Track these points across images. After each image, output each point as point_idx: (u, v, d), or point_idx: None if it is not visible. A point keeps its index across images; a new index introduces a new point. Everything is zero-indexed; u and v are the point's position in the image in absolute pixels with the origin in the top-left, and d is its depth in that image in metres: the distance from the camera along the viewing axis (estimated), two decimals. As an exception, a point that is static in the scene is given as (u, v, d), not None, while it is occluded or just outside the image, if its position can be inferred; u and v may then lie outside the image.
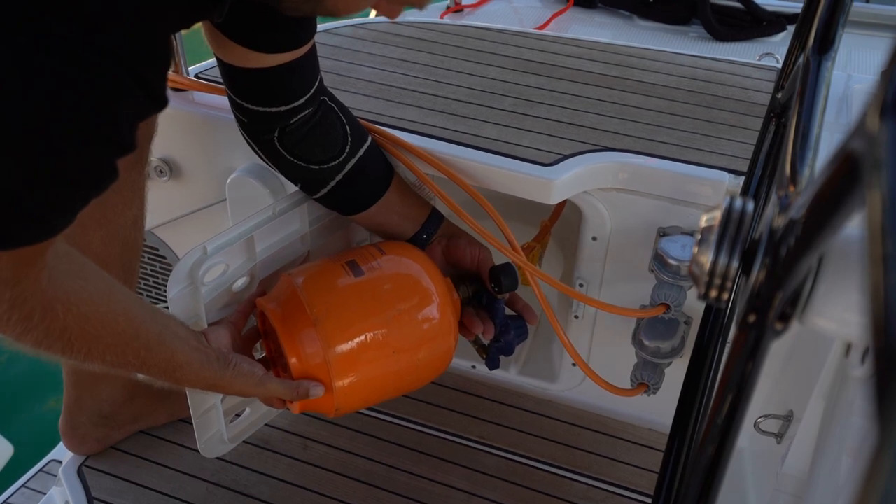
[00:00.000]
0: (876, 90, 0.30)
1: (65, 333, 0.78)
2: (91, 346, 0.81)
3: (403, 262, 1.11)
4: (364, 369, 1.05)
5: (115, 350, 0.83)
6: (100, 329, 0.81)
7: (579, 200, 1.23)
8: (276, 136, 1.06)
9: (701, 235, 0.53)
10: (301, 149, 1.08)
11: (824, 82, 0.75)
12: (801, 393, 1.10)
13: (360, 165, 1.12)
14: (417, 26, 1.59)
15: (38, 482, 1.40)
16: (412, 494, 1.27)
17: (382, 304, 1.06)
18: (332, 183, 1.11)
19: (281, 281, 1.08)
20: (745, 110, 1.35)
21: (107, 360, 0.84)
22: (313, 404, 1.04)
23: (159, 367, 0.88)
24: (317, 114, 1.08)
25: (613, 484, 1.31)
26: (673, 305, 1.18)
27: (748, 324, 0.47)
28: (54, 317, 0.77)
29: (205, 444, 1.18)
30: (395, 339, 1.06)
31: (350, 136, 1.11)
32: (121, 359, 0.84)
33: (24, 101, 0.63)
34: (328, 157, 1.09)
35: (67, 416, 1.28)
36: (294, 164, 1.09)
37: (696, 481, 0.54)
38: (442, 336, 1.09)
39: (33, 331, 0.76)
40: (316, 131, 1.08)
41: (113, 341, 0.83)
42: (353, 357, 1.04)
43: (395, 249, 1.13)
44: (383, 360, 1.06)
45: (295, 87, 1.04)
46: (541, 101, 1.35)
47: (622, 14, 2.52)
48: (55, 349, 0.79)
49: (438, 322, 1.08)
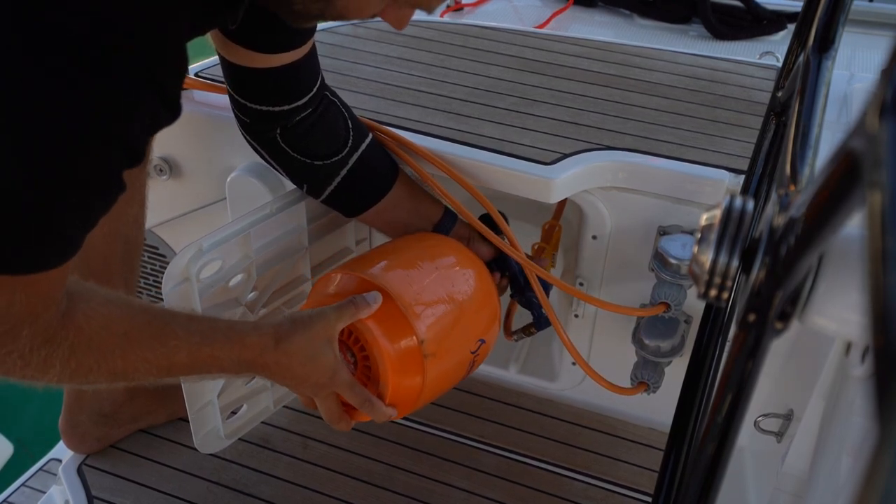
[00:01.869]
0: (876, 89, 0.30)
1: (90, 349, 0.77)
2: (118, 357, 0.80)
3: (468, 265, 1.12)
4: (441, 389, 1.08)
5: (149, 354, 0.82)
6: (127, 338, 0.80)
7: (580, 199, 1.23)
8: (279, 134, 1.06)
9: (701, 234, 0.53)
10: (304, 144, 1.08)
11: (825, 81, 0.75)
12: (801, 392, 1.10)
13: (364, 160, 1.12)
14: (418, 25, 1.59)
15: (38, 481, 1.40)
16: (412, 493, 1.27)
17: (472, 328, 1.08)
18: (338, 179, 1.11)
19: (388, 302, 1.00)
20: (746, 109, 1.35)
21: (139, 370, 0.82)
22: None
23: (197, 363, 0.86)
24: (318, 109, 1.08)
25: (613, 483, 1.30)
26: (673, 304, 1.18)
27: (748, 323, 0.47)
28: (77, 331, 0.76)
29: (201, 440, 1.18)
30: (469, 349, 1.09)
31: (352, 130, 1.11)
32: (155, 363, 0.83)
33: (35, 100, 0.62)
34: (331, 151, 1.09)
35: (68, 415, 1.28)
36: (298, 161, 1.09)
37: (696, 480, 0.54)
38: (496, 327, 1.15)
39: (58, 351, 0.75)
40: (318, 126, 1.08)
41: (143, 346, 0.81)
42: (441, 383, 1.07)
43: (447, 248, 1.14)
44: (458, 372, 1.10)
45: (298, 86, 1.04)
46: (541, 100, 1.35)
47: (622, 13, 2.52)
48: (85, 366, 0.77)
49: (496, 319, 1.14)
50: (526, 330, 1.27)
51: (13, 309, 0.69)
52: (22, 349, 0.72)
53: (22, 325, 0.71)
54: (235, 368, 0.89)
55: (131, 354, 0.80)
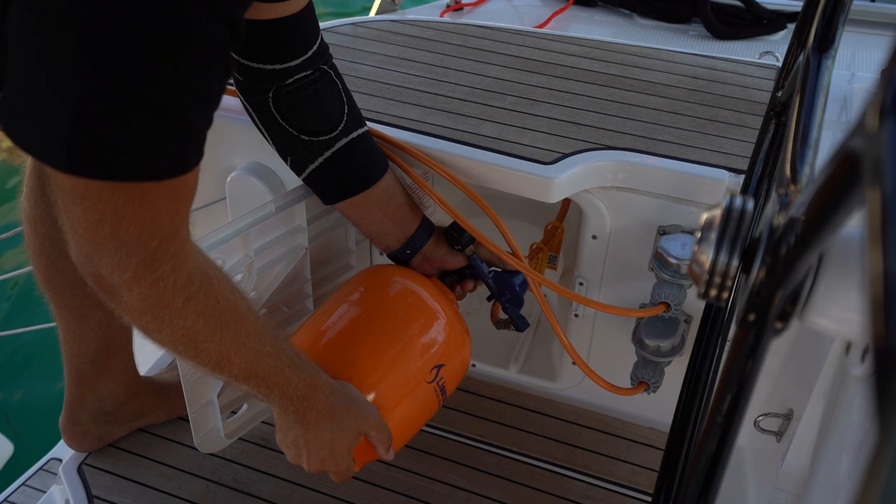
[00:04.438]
0: (876, 90, 0.30)
1: (217, 309, 0.79)
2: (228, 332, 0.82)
3: (391, 286, 1.15)
4: (414, 425, 1.14)
5: (246, 349, 0.85)
6: (230, 314, 0.82)
7: (579, 199, 1.23)
8: (272, 97, 1.06)
9: (701, 234, 0.53)
10: (295, 115, 1.07)
11: (824, 81, 0.75)
12: (801, 391, 1.10)
13: (351, 148, 1.11)
14: (417, 25, 1.59)
15: (38, 480, 1.40)
16: (412, 493, 1.27)
17: (414, 363, 1.10)
18: (320, 159, 1.10)
19: None
20: (746, 109, 1.35)
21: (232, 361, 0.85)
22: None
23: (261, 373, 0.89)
24: (317, 83, 1.07)
25: (613, 482, 1.31)
26: (673, 304, 1.18)
27: (748, 322, 0.47)
28: (209, 284, 0.78)
29: (201, 440, 1.18)
30: (424, 380, 1.11)
31: (347, 115, 1.10)
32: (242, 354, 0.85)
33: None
34: (320, 129, 1.09)
35: (69, 413, 1.28)
36: (285, 131, 1.08)
37: (696, 479, 0.54)
38: (459, 339, 1.16)
39: (194, 298, 0.77)
40: (313, 100, 1.07)
41: (238, 330, 0.84)
42: (411, 423, 1.13)
43: (374, 276, 1.17)
44: (428, 403, 1.13)
45: (292, 44, 1.03)
46: (541, 100, 1.35)
47: (622, 12, 2.52)
48: (207, 329, 0.80)
49: (451, 333, 1.14)
50: (505, 324, 1.28)
51: (157, 231, 0.71)
52: (167, 280, 0.74)
53: (165, 248, 0.72)
54: (290, 398, 0.93)
55: (239, 334, 0.83)
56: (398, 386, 1.08)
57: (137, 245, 0.70)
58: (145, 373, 1.40)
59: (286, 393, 0.91)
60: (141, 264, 0.71)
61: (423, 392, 1.11)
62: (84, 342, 1.21)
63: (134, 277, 0.72)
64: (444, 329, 1.13)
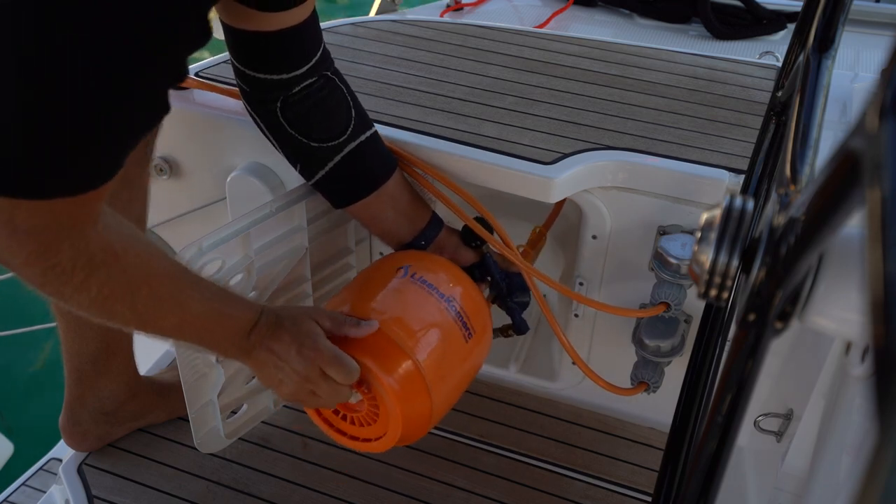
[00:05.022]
0: (876, 90, 0.30)
1: (124, 276, 0.79)
2: (142, 291, 0.82)
3: (456, 283, 1.13)
4: (450, 404, 1.11)
5: (168, 299, 0.85)
6: (144, 273, 0.82)
7: (579, 199, 1.23)
8: (279, 107, 1.06)
9: (701, 234, 0.53)
10: (303, 122, 1.07)
11: (825, 81, 0.75)
12: (801, 391, 1.10)
13: (360, 151, 1.11)
14: (417, 25, 1.59)
15: (38, 480, 1.40)
16: (412, 493, 1.27)
17: (464, 352, 1.09)
18: (330, 164, 1.10)
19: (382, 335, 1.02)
20: (746, 109, 1.35)
21: (149, 315, 0.84)
22: None
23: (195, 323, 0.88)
24: (323, 89, 1.07)
25: (613, 482, 1.31)
26: (673, 304, 1.18)
27: (748, 322, 0.47)
28: (114, 258, 0.77)
29: (201, 440, 1.18)
30: (470, 367, 1.11)
31: (354, 119, 1.11)
32: (159, 309, 0.85)
33: (84, 13, 0.63)
34: (329, 134, 1.09)
35: (69, 413, 1.28)
36: (294, 138, 1.08)
37: (696, 480, 0.54)
38: (488, 338, 1.16)
39: (95, 274, 0.76)
40: (320, 107, 1.08)
41: (154, 288, 0.83)
42: (450, 399, 1.10)
43: (437, 267, 1.14)
44: (459, 390, 1.12)
45: (297, 54, 1.03)
46: (541, 100, 1.35)
47: (622, 12, 2.52)
48: (117, 295, 0.79)
49: (487, 329, 1.15)
50: (504, 331, 1.26)
51: (55, 225, 0.71)
52: (64, 265, 0.73)
53: (62, 240, 0.72)
54: (234, 338, 0.92)
55: (156, 292, 0.83)
56: (449, 362, 1.08)
57: (31, 236, 0.70)
58: (145, 373, 1.40)
59: (227, 333, 0.91)
60: (34, 252, 0.71)
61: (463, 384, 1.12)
62: (84, 342, 1.21)
63: (26, 263, 0.72)
64: (485, 319, 1.14)
